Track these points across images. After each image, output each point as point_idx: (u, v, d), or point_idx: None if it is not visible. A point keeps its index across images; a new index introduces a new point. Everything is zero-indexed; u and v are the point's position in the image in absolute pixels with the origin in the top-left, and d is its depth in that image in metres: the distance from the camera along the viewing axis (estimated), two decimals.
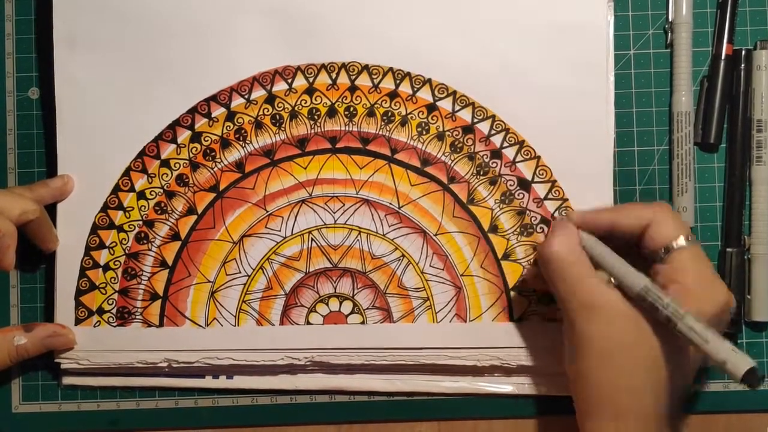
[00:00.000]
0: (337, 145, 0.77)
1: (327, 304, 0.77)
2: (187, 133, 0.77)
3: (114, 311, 0.76)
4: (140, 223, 0.77)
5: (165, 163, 0.77)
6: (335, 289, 0.77)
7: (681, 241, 0.67)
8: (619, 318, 0.66)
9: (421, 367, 0.77)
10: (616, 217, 0.70)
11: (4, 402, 0.79)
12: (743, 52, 0.77)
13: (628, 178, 0.78)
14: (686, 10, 0.77)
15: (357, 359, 0.76)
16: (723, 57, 0.77)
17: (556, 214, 0.76)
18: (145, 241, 0.77)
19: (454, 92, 0.77)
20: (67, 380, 0.78)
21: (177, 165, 0.77)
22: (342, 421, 0.79)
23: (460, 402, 0.78)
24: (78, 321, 0.76)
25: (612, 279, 0.68)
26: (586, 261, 0.69)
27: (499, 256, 0.76)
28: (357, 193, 0.77)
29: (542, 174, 0.76)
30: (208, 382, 0.78)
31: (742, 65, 0.77)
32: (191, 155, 0.77)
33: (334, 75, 0.77)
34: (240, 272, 0.77)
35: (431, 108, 0.77)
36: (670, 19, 0.78)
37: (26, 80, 0.80)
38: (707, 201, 0.78)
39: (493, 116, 0.76)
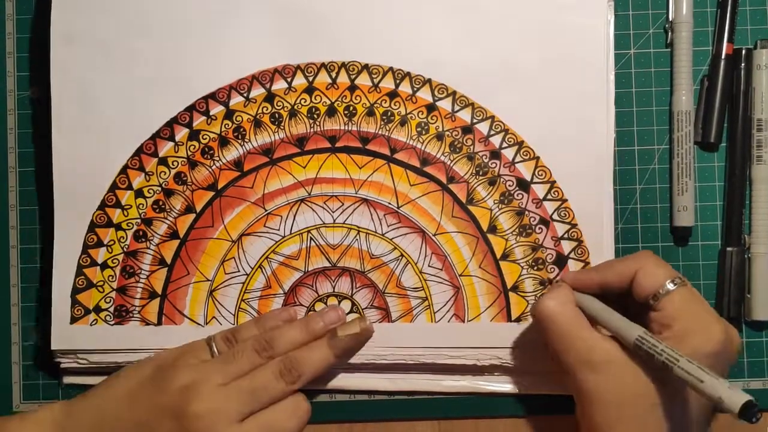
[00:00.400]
0: (337, 145, 0.77)
1: (326, 304, 0.77)
2: (185, 131, 0.77)
3: (111, 309, 0.76)
4: (138, 221, 0.77)
5: (163, 161, 0.77)
6: (334, 288, 0.77)
7: (668, 285, 0.67)
8: (621, 370, 0.65)
9: (421, 366, 0.77)
10: (603, 276, 0.71)
11: (5, 401, 0.79)
12: (743, 52, 0.77)
13: (628, 177, 0.78)
14: (686, 10, 0.77)
15: (356, 358, 0.76)
16: (723, 56, 0.77)
17: (555, 215, 0.76)
18: (143, 240, 0.77)
19: (454, 92, 0.77)
20: (68, 379, 0.79)
21: (175, 163, 0.77)
22: (343, 420, 0.79)
23: (461, 401, 0.78)
24: (74, 319, 0.76)
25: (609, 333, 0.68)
26: (580, 315, 0.69)
27: (498, 257, 0.76)
28: (356, 193, 0.77)
29: (541, 174, 0.76)
30: None
31: (743, 64, 0.77)
32: (189, 153, 0.77)
33: (333, 74, 0.77)
34: (239, 271, 0.77)
35: (431, 108, 0.77)
36: (670, 19, 0.78)
37: (27, 79, 0.80)
38: (707, 200, 0.78)
39: (493, 117, 0.76)
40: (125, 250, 0.77)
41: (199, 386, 0.69)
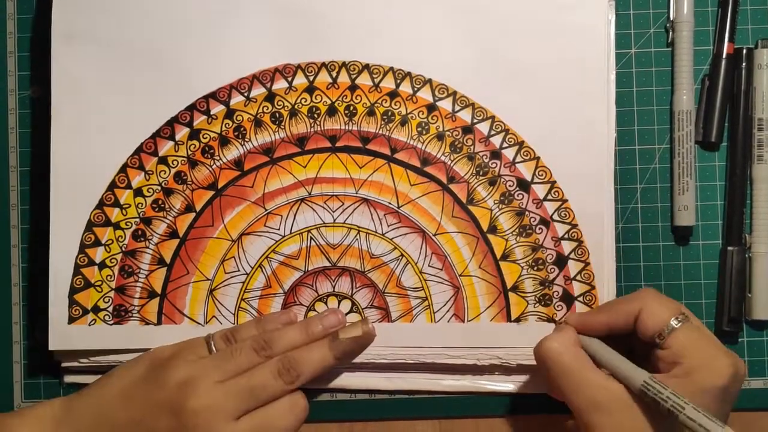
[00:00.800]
0: (337, 144, 0.77)
1: (326, 303, 0.77)
2: (186, 130, 0.77)
3: (110, 309, 0.76)
4: (137, 220, 0.77)
5: (163, 160, 0.77)
6: (334, 288, 0.77)
7: (672, 323, 0.66)
8: (626, 411, 0.65)
9: (421, 366, 0.77)
10: (608, 318, 0.70)
11: (7, 400, 0.80)
12: (744, 51, 0.77)
13: (629, 176, 0.78)
14: (687, 9, 0.77)
15: (357, 357, 0.76)
16: (724, 56, 0.77)
17: (555, 215, 0.76)
18: (142, 239, 0.77)
19: (454, 92, 0.77)
20: (69, 378, 0.79)
21: (175, 162, 0.77)
22: (343, 419, 0.79)
23: (461, 400, 0.78)
24: (72, 319, 0.76)
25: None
26: (584, 356, 0.68)
27: (498, 257, 0.76)
28: (356, 193, 0.77)
29: (542, 175, 0.76)
30: None
31: (743, 64, 0.77)
32: (189, 152, 0.77)
33: (334, 74, 0.77)
34: (239, 270, 0.77)
35: (431, 108, 0.77)
36: (671, 18, 0.78)
37: (28, 78, 0.80)
38: (708, 200, 0.78)
39: (493, 117, 0.76)
40: (124, 249, 0.77)
41: (197, 382, 0.69)
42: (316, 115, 0.77)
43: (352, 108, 0.77)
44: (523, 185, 0.76)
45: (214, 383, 0.69)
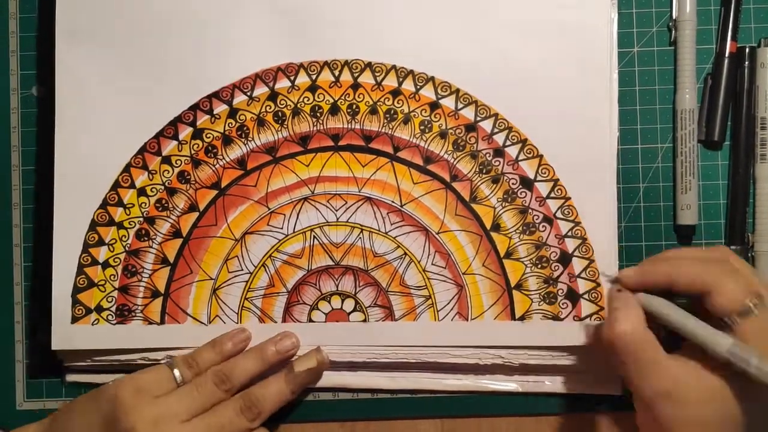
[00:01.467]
0: (340, 143, 0.77)
1: (329, 302, 0.77)
2: (189, 129, 0.77)
3: (113, 309, 0.76)
4: (141, 220, 0.77)
5: (166, 160, 0.77)
6: (337, 286, 0.77)
7: (747, 306, 0.63)
8: (702, 400, 0.62)
9: (423, 365, 0.77)
10: (673, 274, 0.66)
11: (9, 399, 0.80)
12: (747, 50, 0.77)
13: (631, 175, 0.78)
14: (690, 8, 0.77)
15: (360, 357, 0.76)
16: (727, 54, 0.77)
17: (558, 213, 0.75)
18: (145, 238, 0.77)
19: (457, 90, 0.76)
20: (71, 377, 0.79)
21: (178, 162, 0.77)
22: (346, 418, 0.79)
23: (464, 399, 0.78)
24: (75, 319, 0.76)
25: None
26: (653, 341, 0.65)
27: (501, 255, 0.76)
28: (359, 191, 0.77)
29: (544, 173, 0.76)
30: None
31: (746, 63, 0.77)
32: (193, 152, 0.77)
33: (336, 72, 0.77)
34: (242, 269, 0.77)
35: (434, 106, 0.77)
36: (673, 17, 0.78)
37: (30, 78, 0.80)
38: (711, 199, 0.78)
39: (496, 115, 0.76)
40: (127, 248, 0.77)
41: (165, 423, 0.69)
42: (318, 114, 0.77)
43: (354, 106, 0.77)
44: (526, 183, 0.76)
45: (181, 423, 0.70)
